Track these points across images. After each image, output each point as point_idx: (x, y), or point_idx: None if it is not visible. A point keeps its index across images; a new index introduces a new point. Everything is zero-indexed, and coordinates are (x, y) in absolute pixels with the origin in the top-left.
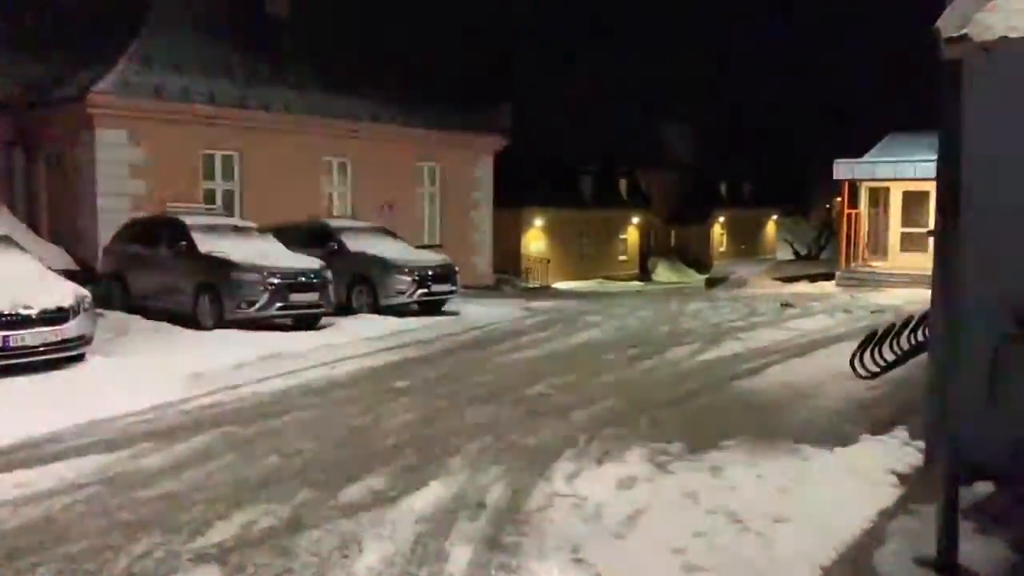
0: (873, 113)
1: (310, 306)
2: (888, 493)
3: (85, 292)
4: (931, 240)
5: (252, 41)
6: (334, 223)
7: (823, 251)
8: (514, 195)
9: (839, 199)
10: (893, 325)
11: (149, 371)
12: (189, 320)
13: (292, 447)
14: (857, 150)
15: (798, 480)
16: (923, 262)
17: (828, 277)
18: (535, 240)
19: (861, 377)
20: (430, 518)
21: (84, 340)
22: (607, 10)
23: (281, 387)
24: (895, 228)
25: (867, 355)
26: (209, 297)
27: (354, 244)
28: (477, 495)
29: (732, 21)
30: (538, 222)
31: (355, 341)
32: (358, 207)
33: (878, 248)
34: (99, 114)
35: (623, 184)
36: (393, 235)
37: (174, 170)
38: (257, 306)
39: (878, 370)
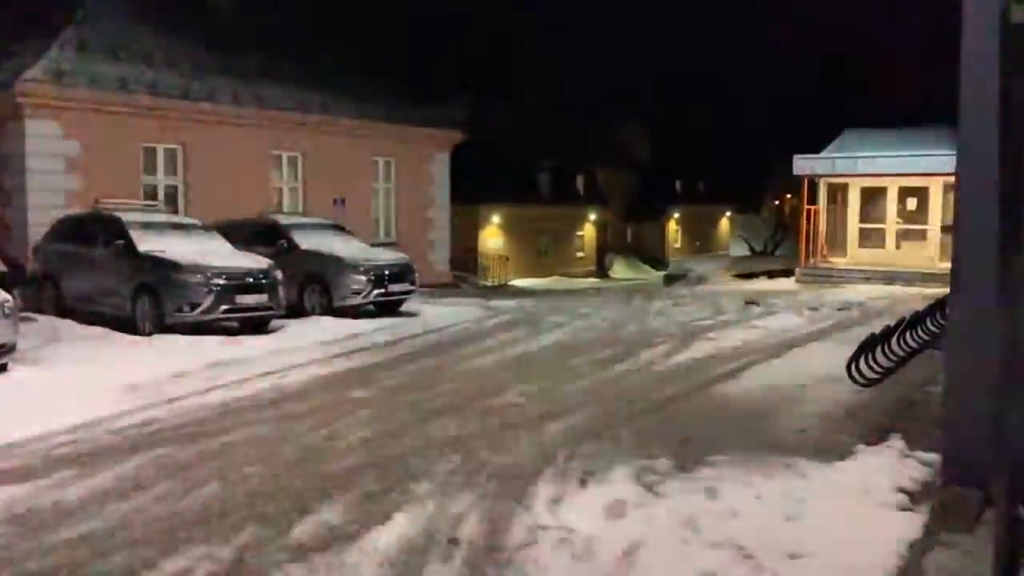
0: (823, 111)
1: (258, 308)
2: (906, 519)
3: (5, 295)
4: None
5: (197, 29)
6: (284, 220)
7: (778, 247)
8: (471, 191)
9: (789, 195)
10: (888, 327)
11: (78, 383)
12: (127, 325)
13: (236, 472)
14: (808, 147)
15: (803, 503)
16: (881, 258)
17: (787, 273)
18: (492, 237)
19: (860, 385)
20: (396, 560)
21: (4, 349)
22: (563, 7)
23: (226, 399)
24: (853, 224)
25: (860, 361)
26: (148, 300)
27: (305, 242)
28: (449, 529)
29: (687, 20)
30: (495, 219)
31: (307, 346)
32: (309, 203)
33: (836, 244)
34: (29, 104)
35: (580, 181)
36: (347, 232)
37: (112, 164)
38: (201, 309)
39: (876, 377)
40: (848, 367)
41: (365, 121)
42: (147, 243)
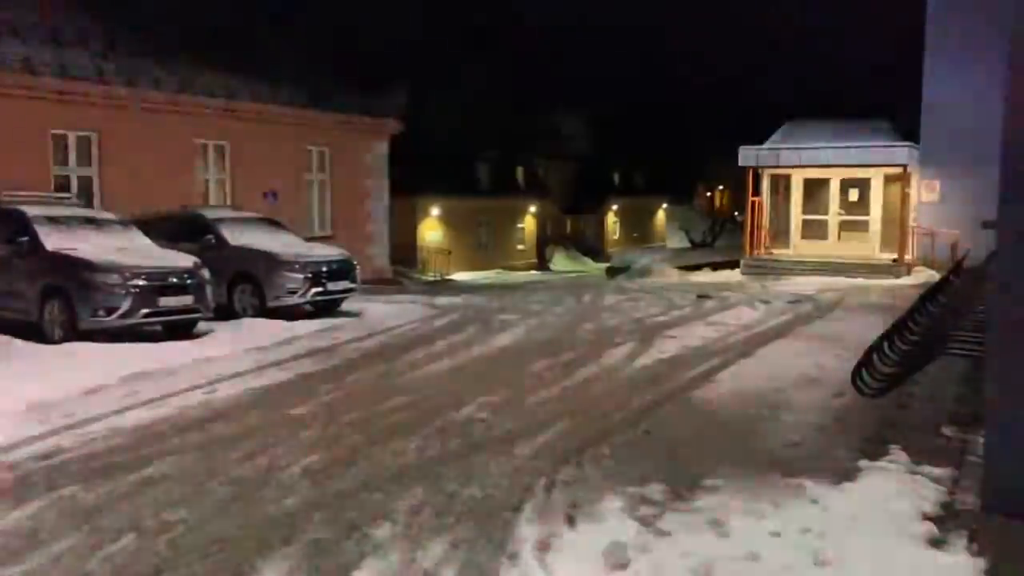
0: (755, 103)
1: (183, 311)
2: (956, 562)
3: None
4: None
5: (113, 7)
6: (211, 213)
7: (716, 239)
8: (409, 182)
9: (721, 187)
10: (889, 330)
11: None
12: (35, 331)
13: (156, 518)
14: (741, 139)
15: (826, 539)
16: (824, 250)
17: (730, 265)
18: (431, 230)
19: (867, 396)
20: None
21: None
22: None
23: (145, 421)
24: (796, 215)
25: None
26: (58, 304)
27: (235, 237)
28: None
29: (626, 12)
30: (434, 211)
31: (239, 353)
32: (238, 195)
33: (779, 236)
34: None
35: (520, 172)
36: (280, 226)
37: (16, 153)
38: (118, 313)
39: (882, 386)
40: (854, 377)
41: (297, 109)
42: (55, 240)
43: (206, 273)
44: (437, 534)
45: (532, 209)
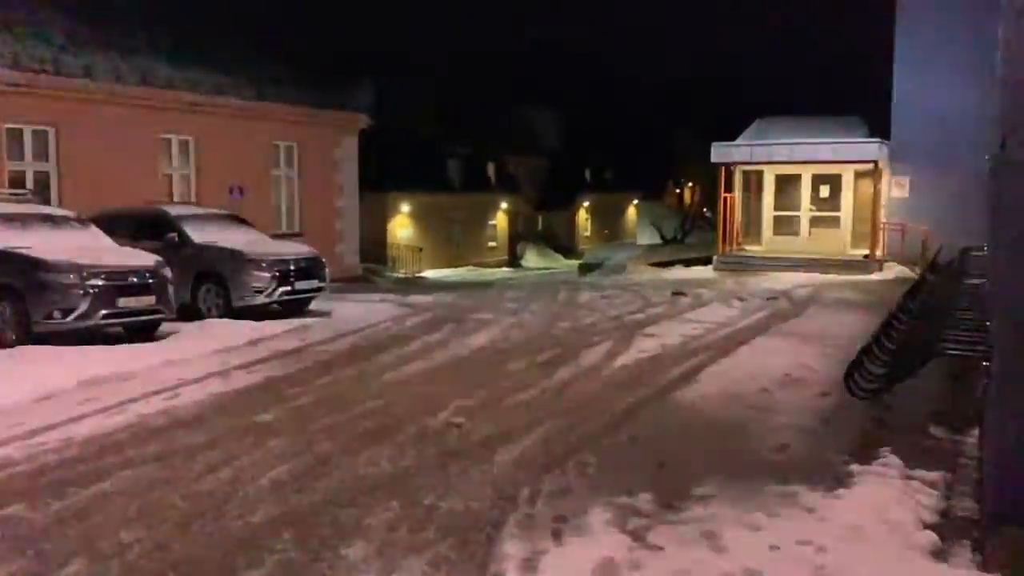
0: (729, 99)
1: (145, 312)
2: None
3: None
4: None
5: None
6: (174, 210)
7: (687, 235)
8: (379, 178)
9: (691, 184)
10: (882, 328)
11: None
12: None
13: (110, 538)
14: (716, 135)
15: (827, 553)
16: (796, 245)
17: (702, 262)
18: (402, 227)
19: (860, 398)
20: None
21: None
22: None
23: (102, 430)
24: (768, 211)
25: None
26: (11, 305)
27: (199, 235)
28: None
29: (598, 10)
30: (405, 208)
31: (203, 356)
32: (203, 192)
33: (751, 232)
34: None
35: (492, 169)
36: (246, 223)
37: None
38: (75, 314)
39: (876, 387)
40: (846, 378)
41: (264, 103)
42: (8, 238)
43: (168, 272)
44: (414, 552)
45: (503, 206)
